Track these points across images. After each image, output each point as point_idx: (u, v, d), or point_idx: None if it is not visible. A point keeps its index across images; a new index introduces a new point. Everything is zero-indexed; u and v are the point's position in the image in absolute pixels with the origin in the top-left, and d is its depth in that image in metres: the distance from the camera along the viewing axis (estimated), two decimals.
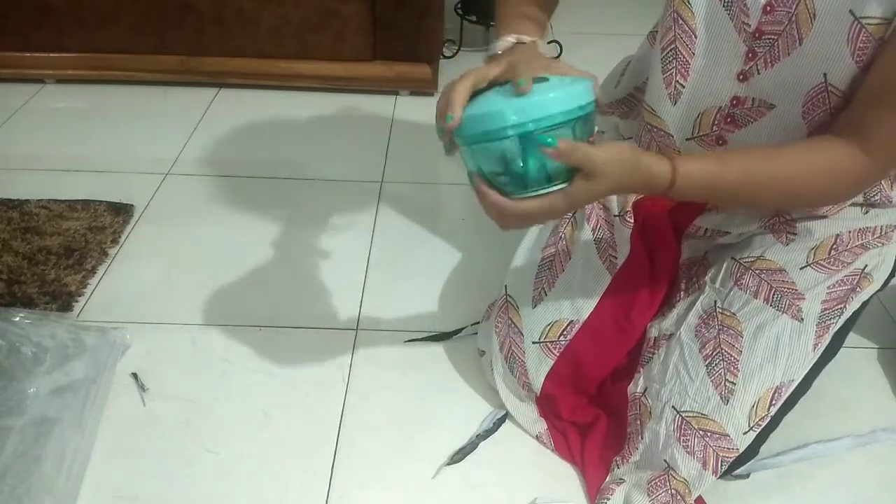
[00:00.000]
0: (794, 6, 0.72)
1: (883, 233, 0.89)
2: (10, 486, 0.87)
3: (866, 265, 0.88)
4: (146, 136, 1.65)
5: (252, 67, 1.80)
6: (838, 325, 0.86)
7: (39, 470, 0.89)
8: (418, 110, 1.81)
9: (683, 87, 0.84)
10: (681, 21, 0.81)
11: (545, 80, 0.67)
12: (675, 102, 0.86)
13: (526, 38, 0.75)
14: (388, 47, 1.77)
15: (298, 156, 1.60)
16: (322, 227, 1.39)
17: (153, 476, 0.93)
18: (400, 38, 1.75)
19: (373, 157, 1.61)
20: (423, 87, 1.84)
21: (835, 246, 0.87)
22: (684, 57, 0.82)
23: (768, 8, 0.74)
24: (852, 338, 0.90)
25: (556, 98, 0.65)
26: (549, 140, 0.65)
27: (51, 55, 1.77)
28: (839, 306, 0.86)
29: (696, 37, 0.80)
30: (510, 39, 0.74)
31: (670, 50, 0.84)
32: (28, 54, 1.77)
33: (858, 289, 0.87)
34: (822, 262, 0.87)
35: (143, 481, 0.92)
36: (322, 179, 1.53)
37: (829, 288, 0.86)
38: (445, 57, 2.00)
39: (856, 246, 0.88)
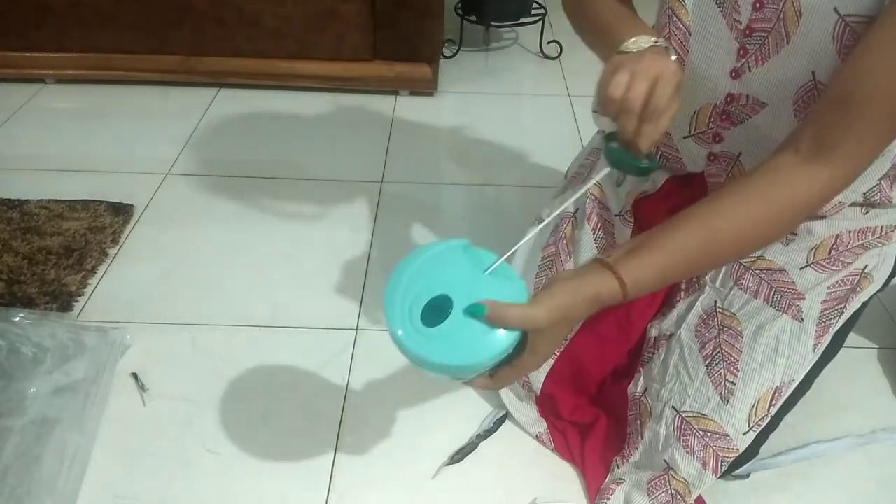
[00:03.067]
0: (782, 4, 0.72)
1: (883, 233, 0.89)
2: (10, 486, 0.87)
3: (866, 265, 0.88)
4: (146, 136, 1.65)
5: (252, 67, 1.80)
6: (838, 325, 0.86)
7: (39, 470, 0.89)
8: (418, 110, 1.81)
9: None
10: (675, 18, 0.81)
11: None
12: None
13: (661, 42, 0.72)
14: (388, 47, 1.77)
15: (298, 156, 1.60)
16: (322, 227, 1.39)
17: (153, 476, 0.93)
18: (400, 38, 1.75)
19: (373, 157, 1.61)
20: (423, 87, 1.84)
21: (835, 246, 0.87)
22: (679, 55, 0.83)
23: (758, 5, 0.74)
24: (852, 338, 0.90)
25: (482, 347, 0.63)
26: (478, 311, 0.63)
27: (51, 55, 1.77)
28: (839, 306, 0.86)
29: (689, 34, 0.81)
30: (650, 40, 0.71)
31: None
32: (28, 54, 1.77)
33: (859, 289, 0.87)
34: (822, 262, 0.87)
35: (143, 481, 0.92)
36: (322, 179, 1.53)
37: (829, 288, 0.86)
38: (445, 57, 2.01)
39: (856, 246, 0.88)
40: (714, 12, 0.78)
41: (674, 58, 0.71)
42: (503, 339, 0.63)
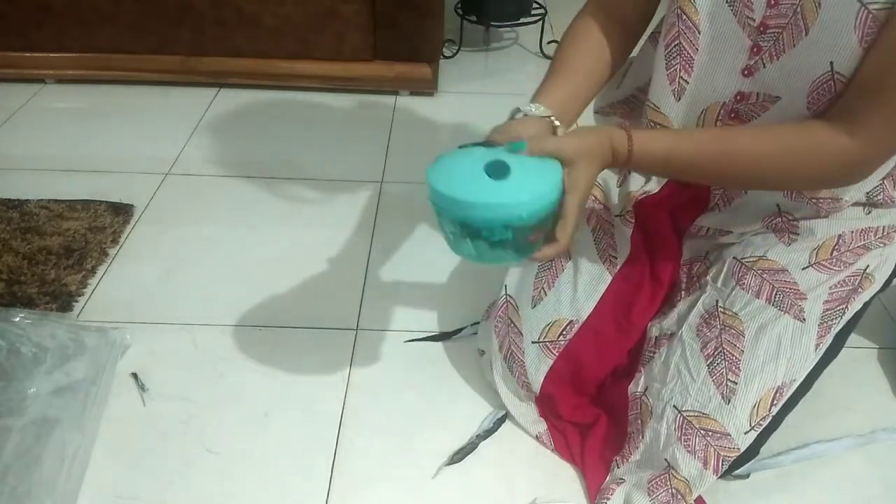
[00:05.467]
0: None
1: (885, 233, 0.89)
2: (10, 486, 0.87)
3: (868, 265, 0.88)
4: (146, 136, 1.65)
5: (252, 67, 1.80)
6: (840, 326, 0.86)
7: (39, 470, 0.89)
8: (418, 110, 1.81)
9: (687, 82, 0.84)
10: (684, 17, 0.81)
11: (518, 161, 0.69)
12: (679, 98, 0.86)
13: (554, 120, 0.78)
14: (388, 47, 1.77)
15: (298, 156, 1.60)
16: (322, 227, 1.38)
17: (153, 476, 0.93)
18: (400, 38, 1.75)
19: (373, 157, 1.61)
20: (423, 87, 1.84)
21: (837, 246, 0.87)
22: (688, 52, 0.82)
23: (773, 1, 0.74)
24: (852, 338, 0.90)
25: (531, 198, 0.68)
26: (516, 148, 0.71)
27: (51, 55, 1.77)
28: (841, 306, 0.86)
29: (699, 32, 0.80)
30: (540, 111, 0.78)
31: (674, 46, 0.84)
32: (28, 54, 1.77)
33: (860, 289, 0.87)
34: (824, 262, 0.87)
35: (143, 481, 0.92)
36: (322, 179, 1.53)
37: (830, 288, 0.86)
38: (445, 57, 2.00)
39: (858, 246, 0.88)
40: (724, 10, 0.78)
41: (559, 130, 0.77)
42: (556, 166, 0.71)
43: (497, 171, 0.68)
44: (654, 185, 0.97)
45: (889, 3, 0.67)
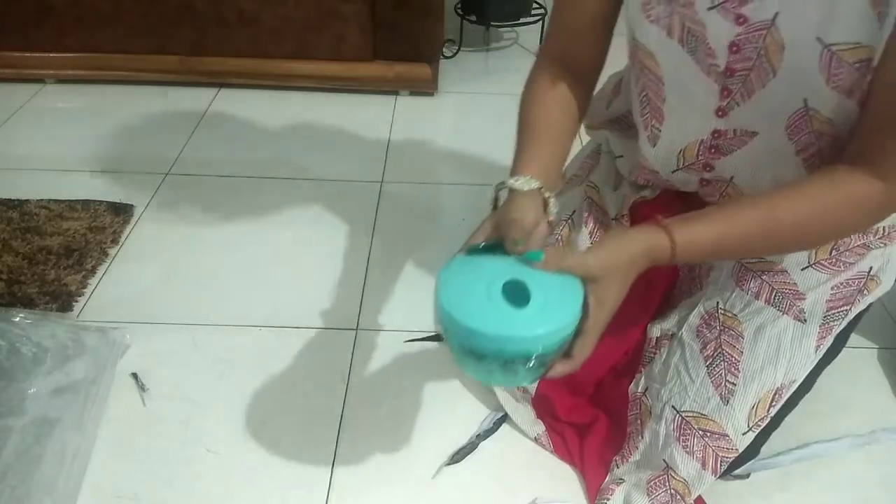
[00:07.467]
0: (762, 40, 0.69)
1: (886, 233, 0.88)
2: (10, 486, 0.87)
3: (871, 267, 0.87)
4: (146, 136, 1.65)
5: (252, 67, 1.80)
6: (841, 327, 0.86)
7: (39, 470, 0.89)
8: (418, 110, 1.81)
9: (660, 130, 0.84)
10: (646, 70, 0.80)
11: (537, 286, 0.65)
12: (655, 144, 0.86)
13: (544, 190, 0.75)
14: (388, 47, 1.77)
15: (298, 156, 1.60)
16: (322, 227, 1.39)
17: (153, 476, 0.93)
18: (400, 38, 1.75)
19: (373, 157, 1.61)
20: (423, 87, 1.85)
21: (836, 246, 0.87)
22: (656, 103, 0.82)
23: (734, 48, 0.71)
24: (852, 338, 0.90)
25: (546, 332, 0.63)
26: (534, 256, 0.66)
27: (51, 55, 1.77)
28: (844, 307, 0.85)
29: (664, 84, 0.79)
30: (531, 185, 0.74)
31: (643, 96, 0.83)
32: (28, 54, 1.77)
33: (865, 291, 0.86)
34: (823, 261, 0.87)
35: (143, 481, 0.92)
36: (322, 179, 1.53)
37: (833, 289, 0.85)
38: (445, 57, 2.01)
39: (857, 246, 0.87)
40: (687, 60, 0.75)
41: (550, 201, 0.74)
42: (577, 288, 0.66)
43: (514, 294, 0.63)
44: (649, 192, 0.97)
45: (853, 44, 0.65)
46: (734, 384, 0.84)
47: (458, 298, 0.65)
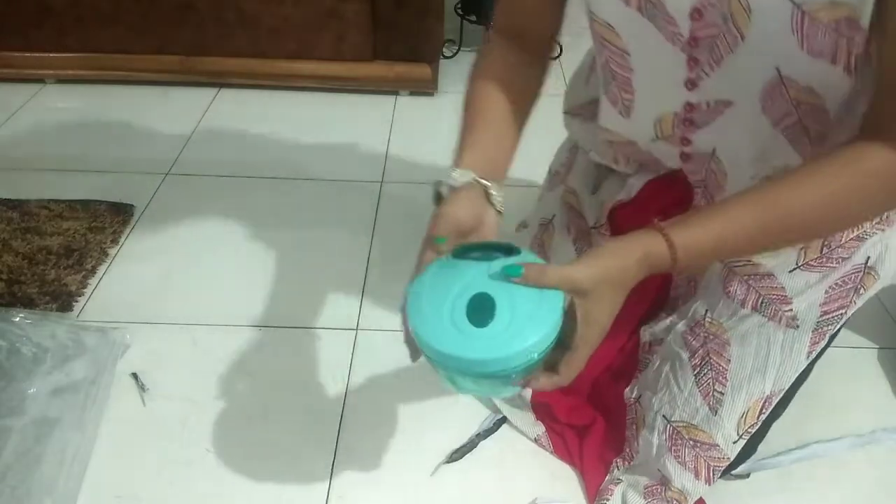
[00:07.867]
0: (726, 4, 0.64)
1: (884, 216, 0.78)
2: (10, 487, 0.87)
3: (868, 257, 0.79)
4: (146, 136, 1.65)
5: (252, 67, 1.80)
6: (835, 330, 0.81)
7: (39, 470, 0.89)
8: (418, 110, 1.81)
9: (631, 99, 0.80)
10: (608, 44, 0.75)
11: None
12: (628, 115, 0.81)
13: (484, 182, 0.70)
14: (388, 47, 1.77)
15: (298, 156, 1.60)
16: (322, 227, 1.38)
17: (153, 476, 0.93)
18: (400, 38, 1.75)
19: (373, 157, 1.61)
20: (423, 87, 1.84)
21: (826, 243, 0.79)
22: (622, 75, 0.77)
23: (696, 14, 0.66)
24: (852, 338, 0.90)
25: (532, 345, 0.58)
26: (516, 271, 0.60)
27: (51, 55, 1.77)
28: (840, 311, 0.79)
29: (628, 54, 0.75)
30: (466, 177, 0.70)
31: (607, 71, 0.79)
32: (28, 54, 1.77)
33: (862, 289, 0.79)
34: (812, 262, 0.79)
35: (143, 481, 0.92)
36: (322, 179, 1.53)
37: (827, 291, 0.79)
38: (445, 57, 2.00)
39: (850, 239, 0.79)
40: (648, 28, 0.70)
41: (492, 192, 0.71)
42: (555, 303, 0.59)
43: (482, 310, 0.58)
44: (625, 194, 0.91)
45: (828, 2, 0.60)
46: (722, 393, 0.82)
47: (420, 310, 0.61)
